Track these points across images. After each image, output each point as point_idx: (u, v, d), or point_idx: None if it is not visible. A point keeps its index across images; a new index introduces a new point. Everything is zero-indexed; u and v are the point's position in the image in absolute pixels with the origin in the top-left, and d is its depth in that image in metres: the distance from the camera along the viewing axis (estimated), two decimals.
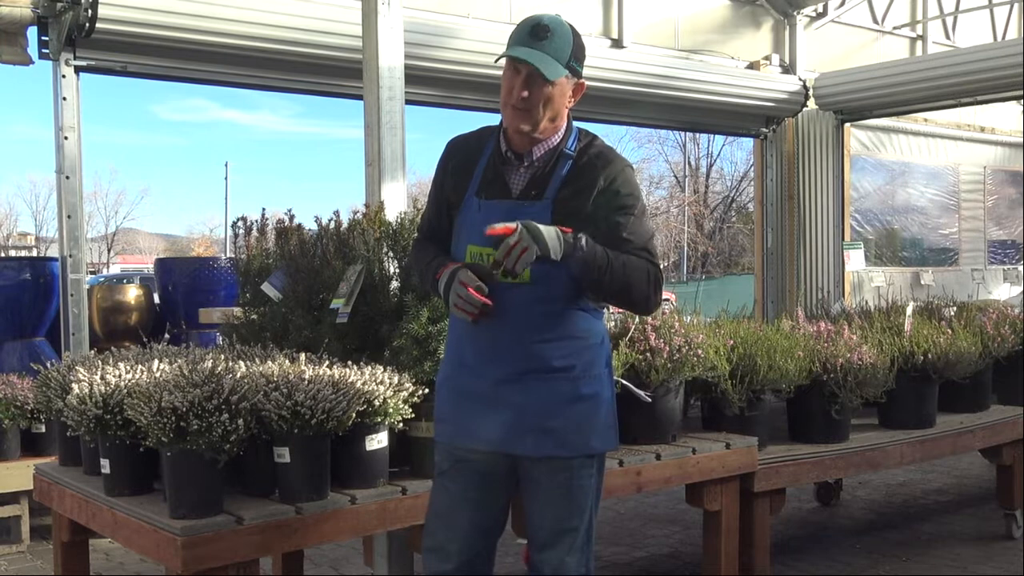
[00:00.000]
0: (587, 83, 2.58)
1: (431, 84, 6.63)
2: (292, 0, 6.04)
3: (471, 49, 6.58)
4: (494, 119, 2.67)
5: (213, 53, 5.94)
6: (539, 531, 2.56)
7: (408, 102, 4.38)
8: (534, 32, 2.42)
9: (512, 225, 2.32)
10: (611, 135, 34.36)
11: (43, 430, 4.90)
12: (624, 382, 3.44)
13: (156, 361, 3.04)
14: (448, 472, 2.59)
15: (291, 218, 3.78)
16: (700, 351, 3.68)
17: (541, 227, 2.35)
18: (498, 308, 2.44)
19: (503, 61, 2.47)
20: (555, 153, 2.53)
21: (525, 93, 2.43)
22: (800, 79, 8.79)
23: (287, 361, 2.94)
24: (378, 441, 2.94)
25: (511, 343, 2.47)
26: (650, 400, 3.51)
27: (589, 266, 2.41)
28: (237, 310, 3.83)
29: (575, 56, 2.47)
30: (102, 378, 2.87)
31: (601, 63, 7.10)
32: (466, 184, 2.57)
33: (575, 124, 2.60)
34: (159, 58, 5.90)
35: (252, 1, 5.86)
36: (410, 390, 2.96)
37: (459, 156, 2.63)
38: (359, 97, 4.42)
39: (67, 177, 5.63)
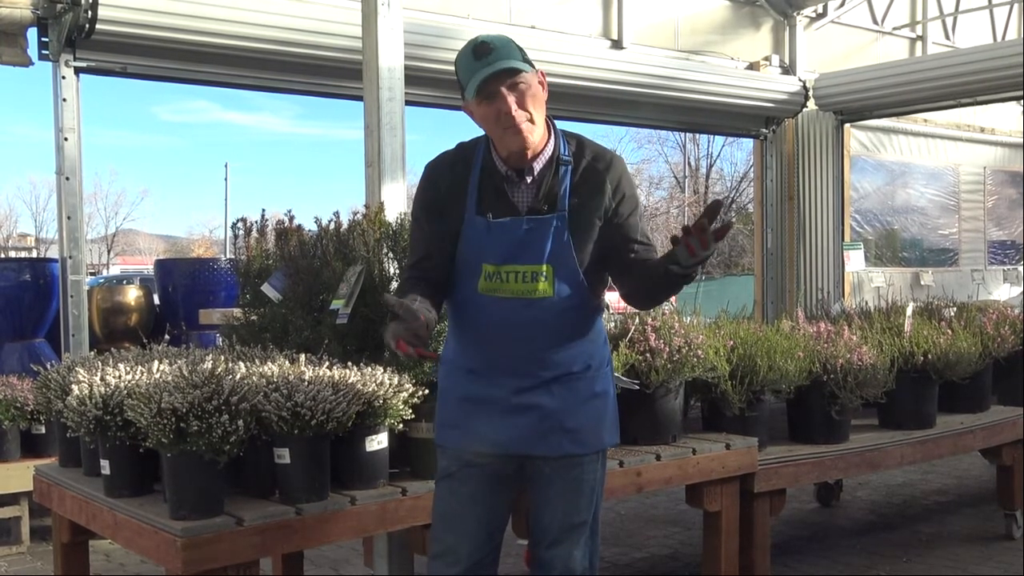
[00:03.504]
0: (587, 84, 2.59)
1: (431, 85, 6.62)
2: (292, 1, 6.05)
3: None
4: None
5: (213, 54, 5.94)
6: (548, 528, 2.56)
7: (408, 103, 4.38)
8: (477, 53, 2.36)
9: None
10: (611, 136, 34.18)
11: (43, 431, 4.89)
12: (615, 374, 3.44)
13: (156, 362, 3.04)
14: (455, 475, 2.55)
15: (291, 219, 3.77)
16: (700, 352, 3.68)
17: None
18: (517, 321, 2.44)
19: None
20: (553, 163, 2.48)
21: (514, 106, 2.36)
22: (800, 80, 8.79)
23: (287, 362, 2.94)
24: (378, 442, 2.94)
25: (534, 352, 2.46)
26: (638, 387, 3.50)
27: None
28: (237, 311, 3.82)
29: (523, 53, 2.42)
30: (102, 379, 2.87)
31: (601, 64, 7.06)
32: (462, 203, 2.47)
33: (558, 126, 2.54)
34: (159, 59, 5.90)
35: (252, 2, 5.87)
36: (410, 391, 2.95)
37: (449, 176, 2.51)
38: (359, 98, 4.42)
39: (67, 178, 5.63)
